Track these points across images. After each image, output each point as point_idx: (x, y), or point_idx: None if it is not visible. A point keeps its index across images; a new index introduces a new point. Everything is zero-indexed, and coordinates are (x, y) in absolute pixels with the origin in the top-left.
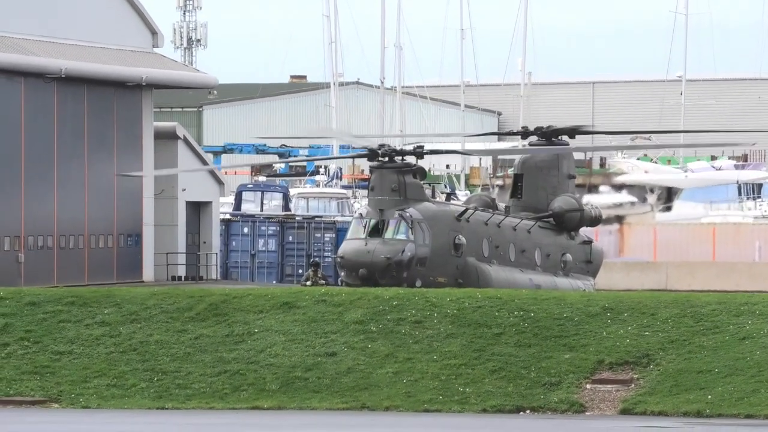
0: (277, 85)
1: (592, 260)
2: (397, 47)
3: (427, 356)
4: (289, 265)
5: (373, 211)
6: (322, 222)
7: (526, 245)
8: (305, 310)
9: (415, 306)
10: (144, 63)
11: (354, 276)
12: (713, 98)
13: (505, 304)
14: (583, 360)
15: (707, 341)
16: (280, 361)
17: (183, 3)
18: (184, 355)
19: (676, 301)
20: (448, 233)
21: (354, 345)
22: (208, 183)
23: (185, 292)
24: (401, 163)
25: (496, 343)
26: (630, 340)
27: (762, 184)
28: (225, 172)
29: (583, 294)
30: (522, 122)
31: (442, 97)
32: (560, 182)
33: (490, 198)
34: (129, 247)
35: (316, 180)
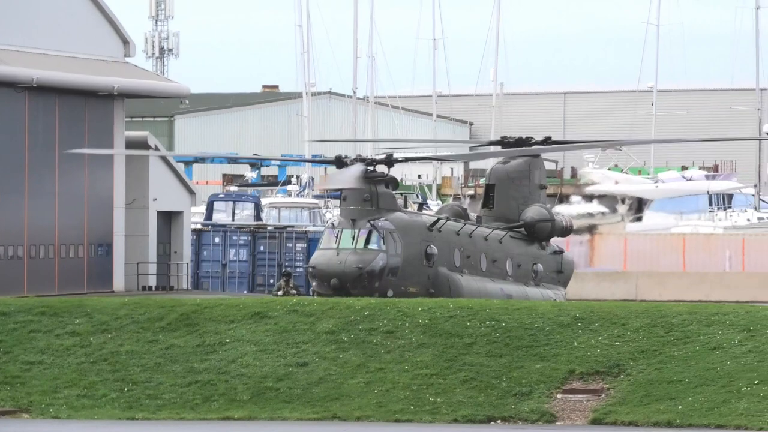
0: (249, 95)
1: (563, 270)
2: (369, 57)
3: (399, 366)
4: (261, 275)
5: (345, 221)
6: (294, 232)
7: (498, 255)
8: (277, 320)
9: (386, 316)
10: (116, 72)
11: (326, 286)
12: (684, 109)
13: (476, 314)
14: (554, 370)
15: (678, 351)
16: (252, 371)
17: (155, 12)
18: (155, 365)
19: (647, 311)
20: (420, 243)
21: (325, 355)
22: (180, 193)
23: (156, 302)
24: (373, 173)
25: (468, 353)
26: (601, 350)
27: (732, 195)
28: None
29: (554, 304)
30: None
31: (415, 107)
32: (531, 192)
33: (461, 208)
34: (100, 256)
35: (288, 190)
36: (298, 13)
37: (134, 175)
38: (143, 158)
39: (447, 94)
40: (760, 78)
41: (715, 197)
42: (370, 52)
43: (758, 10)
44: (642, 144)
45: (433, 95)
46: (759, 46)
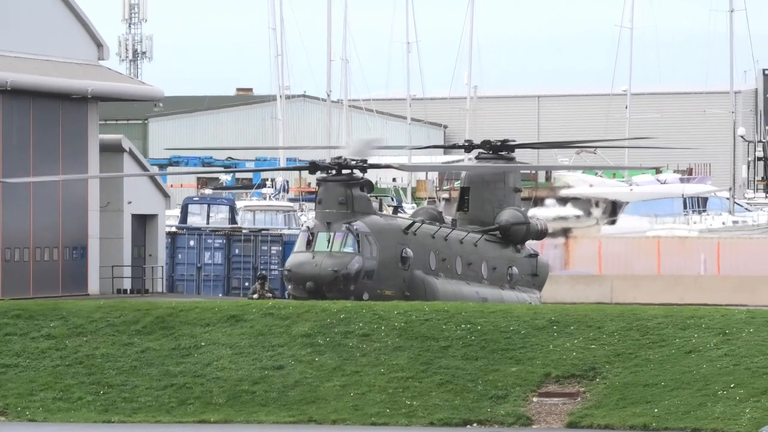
0: (223, 98)
1: (538, 273)
2: (343, 60)
3: (375, 369)
4: (236, 278)
5: (320, 224)
6: (269, 235)
7: (473, 258)
8: (252, 323)
9: (362, 319)
10: (89, 75)
11: (301, 289)
12: (658, 112)
13: (452, 317)
14: (529, 373)
15: (653, 354)
16: (227, 374)
17: (128, 15)
18: (131, 368)
19: (623, 314)
20: (396, 246)
21: (301, 358)
22: (154, 196)
23: (131, 305)
24: (348, 176)
25: (444, 356)
26: (576, 353)
27: (707, 198)
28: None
29: (530, 307)
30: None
31: (389, 110)
32: (506, 195)
33: (436, 211)
34: (74, 259)
35: (263, 193)
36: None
37: (109, 179)
38: (118, 161)
39: (421, 98)
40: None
41: (690, 200)
42: (344, 55)
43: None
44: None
45: (407, 98)
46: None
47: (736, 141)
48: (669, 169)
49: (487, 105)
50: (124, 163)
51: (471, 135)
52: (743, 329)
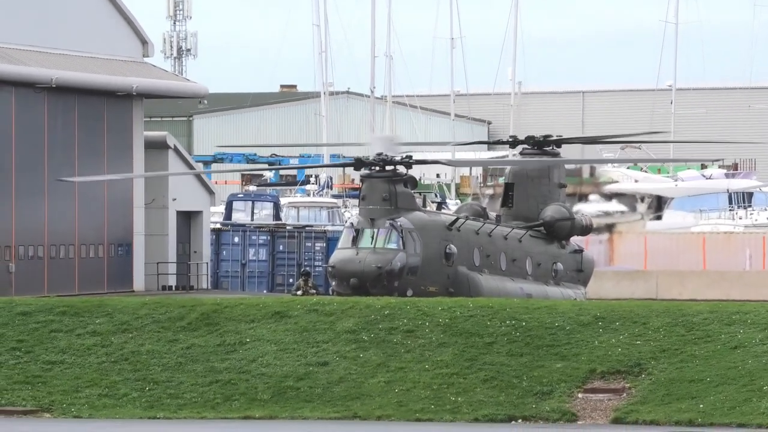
0: (267, 95)
1: (582, 269)
2: (387, 57)
3: (419, 365)
4: (280, 275)
5: (364, 220)
6: (313, 231)
7: (517, 254)
8: (297, 320)
9: (406, 315)
10: (134, 72)
11: (345, 285)
12: (703, 107)
13: (496, 314)
14: (574, 369)
15: (699, 350)
16: (272, 370)
17: (173, 13)
18: (176, 364)
19: (668, 310)
20: (439, 242)
21: (346, 354)
22: (199, 192)
23: (176, 302)
24: (392, 173)
25: (488, 353)
26: (622, 349)
27: (752, 193)
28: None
29: (575, 303)
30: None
31: (433, 106)
32: (551, 191)
33: (480, 207)
34: (120, 256)
35: (307, 189)
36: (315, 13)
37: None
38: (162, 158)
39: (465, 93)
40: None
41: (735, 196)
42: (388, 52)
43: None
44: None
45: (451, 94)
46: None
47: None
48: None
49: (531, 101)
50: (169, 160)
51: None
52: None
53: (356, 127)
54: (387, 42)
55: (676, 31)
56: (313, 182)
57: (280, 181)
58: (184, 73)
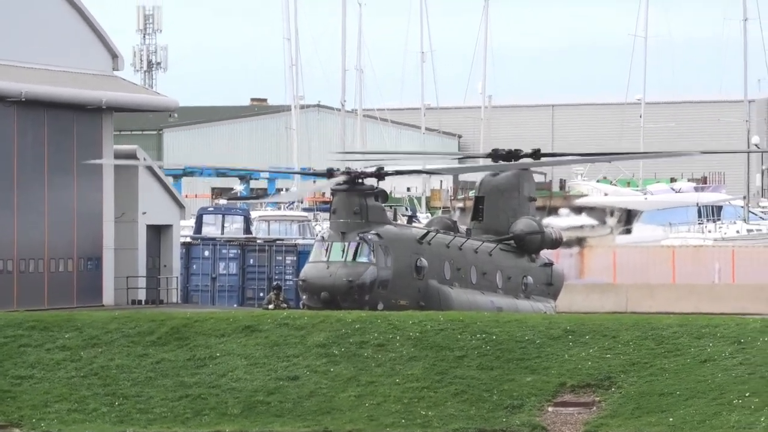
0: (237, 108)
1: (552, 282)
2: (358, 70)
3: (390, 379)
4: (251, 289)
5: (335, 233)
6: (284, 245)
7: (488, 268)
8: (267, 334)
9: (377, 329)
10: (104, 86)
11: (316, 299)
12: (673, 121)
13: (467, 327)
14: (545, 383)
15: (669, 364)
16: (242, 385)
17: (143, 26)
18: (146, 379)
19: (638, 323)
20: (410, 256)
21: (316, 368)
22: (169, 206)
23: (146, 316)
24: (363, 186)
25: (459, 366)
26: (592, 362)
27: (721, 207)
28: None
29: (545, 316)
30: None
31: (403, 120)
32: (521, 204)
33: (451, 220)
34: (89, 270)
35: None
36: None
37: (123, 188)
38: (132, 171)
39: (435, 107)
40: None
41: (705, 209)
42: (359, 65)
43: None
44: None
45: (421, 108)
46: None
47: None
48: (683, 177)
49: (501, 114)
50: (139, 174)
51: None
52: (758, 338)
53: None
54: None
55: (646, 45)
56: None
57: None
58: (154, 86)
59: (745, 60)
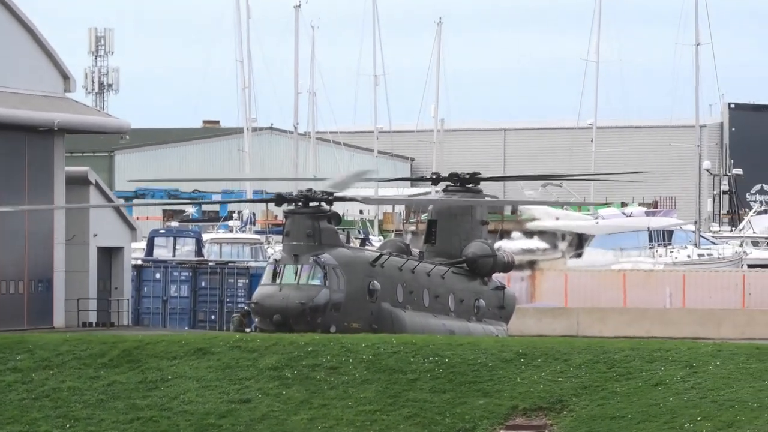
0: (189, 130)
1: (505, 306)
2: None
3: (342, 402)
4: (202, 311)
5: (287, 256)
6: (236, 267)
7: (440, 291)
8: (219, 356)
9: (330, 352)
10: (56, 108)
11: (268, 322)
12: (624, 145)
13: (419, 350)
14: (497, 406)
15: (620, 387)
16: (194, 407)
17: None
18: (97, 401)
19: (590, 347)
20: (363, 279)
21: (269, 391)
22: (120, 228)
23: (98, 338)
24: (316, 209)
25: (411, 389)
26: (544, 385)
27: (672, 231)
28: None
29: (497, 339)
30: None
31: (356, 143)
32: (473, 228)
33: (404, 243)
34: (40, 292)
35: (230, 225)
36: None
37: (75, 210)
38: (83, 194)
39: (388, 130)
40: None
41: (656, 233)
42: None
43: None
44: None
45: (374, 131)
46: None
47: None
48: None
49: (453, 138)
50: (90, 196)
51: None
52: (709, 362)
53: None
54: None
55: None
56: (235, 218)
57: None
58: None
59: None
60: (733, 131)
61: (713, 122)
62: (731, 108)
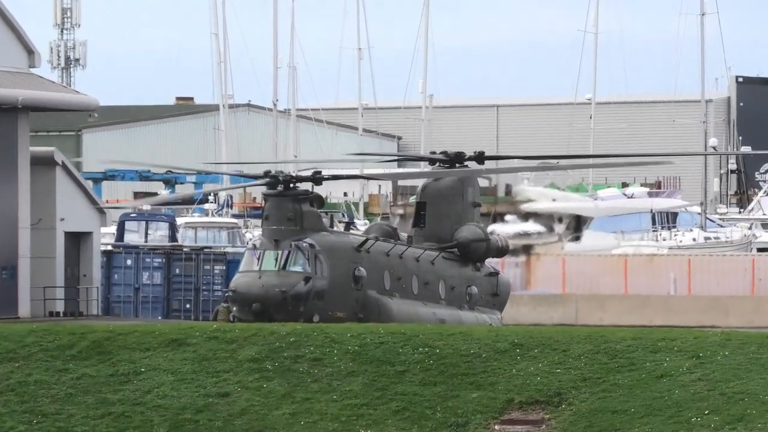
0: (162, 107)
1: (498, 293)
2: (290, 67)
3: (327, 396)
4: (176, 300)
5: (267, 241)
6: (212, 253)
7: (430, 277)
8: (195, 348)
9: (313, 342)
10: (19, 84)
11: (247, 311)
12: (625, 122)
13: (409, 340)
14: (491, 399)
15: (623, 379)
16: (169, 402)
17: (60, 20)
18: (66, 396)
19: (590, 336)
20: (348, 265)
21: (248, 385)
22: (89, 212)
23: (66, 329)
24: (297, 191)
25: (400, 382)
26: (541, 377)
27: (677, 213)
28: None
29: (491, 329)
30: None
31: (339, 120)
32: (465, 210)
33: (391, 227)
34: (3, 280)
35: (205, 209)
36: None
37: (40, 193)
38: (49, 175)
39: (373, 107)
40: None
41: (659, 216)
42: (291, 62)
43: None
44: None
45: (358, 108)
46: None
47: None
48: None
49: (443, 115)
50: (56, 178)
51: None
52: (718, 352)
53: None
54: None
55: (596, 42)
56: (211, 201)
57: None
58: (72, 84)
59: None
60: (741, 106)
61: (720, 97)
62: (739, 82)
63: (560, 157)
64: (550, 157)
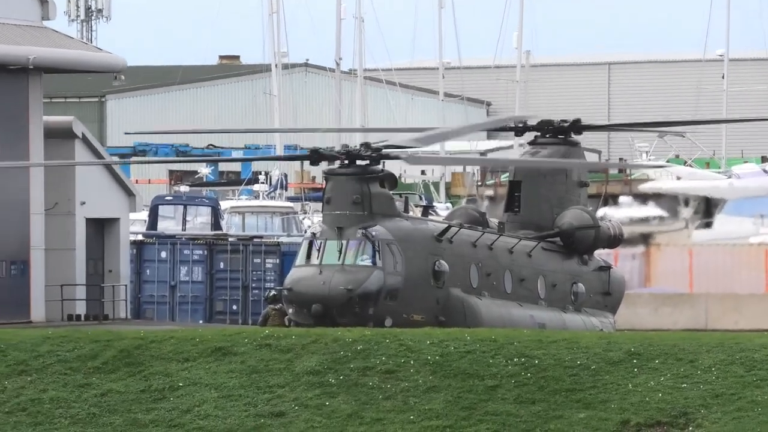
0: (202, 68)
1: (610, 291)
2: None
3: (402, 416)
4: (221, 300)
5: (329, 229)
6: (263, 244)
7: (526, 272)
8: (244, 358)
9: (385, 351)
10: (30, 40)
11: (305, 313)
12: (764, 83)
13: (501, 349)
14: (602, 420)
15: (762, 396)
16: (213, 423)
17: None
18: (88, 416)
19: (722, 344)
20: (426, 258)
21: (307, 402)
22: (115, 194)
23: (88, 336)
24: (365, 168)
25: (491, 399)
26: (663, 394)
27: None
28: (136, 181)
29: (602, 335)
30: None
31: (416, 83)
32: (569, 191)
33: (478, 212)
34: (13, 277)
35: (255, 190)
36: None
37: (56, 173)
38: (67, 150)
39: (457, 66)
40: None
41: None
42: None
43: None
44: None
45: (439, 68)
46: None
47: None
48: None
49: (542, 75)
50: (75, 152)
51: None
52: None
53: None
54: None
55: None
56: (262, 181)
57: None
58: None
59: None
60: None
61: None
62: None
63: (686, 123)
64: (674, 123)
